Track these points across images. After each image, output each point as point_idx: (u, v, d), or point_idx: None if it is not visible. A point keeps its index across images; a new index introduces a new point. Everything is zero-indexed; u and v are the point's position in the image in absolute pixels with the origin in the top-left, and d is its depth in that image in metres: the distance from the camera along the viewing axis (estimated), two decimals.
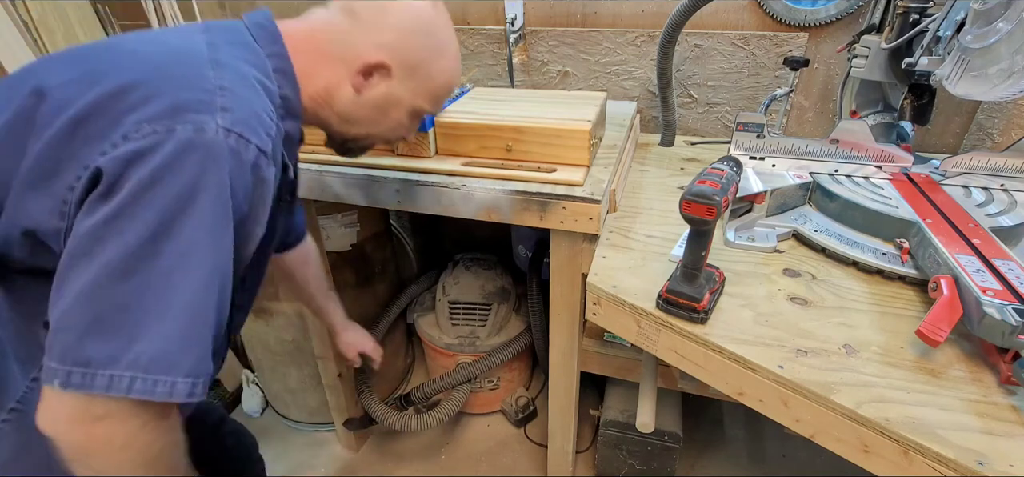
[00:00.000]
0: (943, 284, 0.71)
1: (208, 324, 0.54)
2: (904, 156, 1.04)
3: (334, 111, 0.74)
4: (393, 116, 0.77)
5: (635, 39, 1.46)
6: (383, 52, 0.70)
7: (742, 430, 1.72)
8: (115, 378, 0.49)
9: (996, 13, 0.78)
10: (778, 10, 1.33)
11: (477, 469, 1.65)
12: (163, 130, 0.51)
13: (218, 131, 0.53)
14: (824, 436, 0.67)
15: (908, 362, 0.70)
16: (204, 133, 0.52)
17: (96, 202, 0.51)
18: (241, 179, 0.55)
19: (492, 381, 1.72)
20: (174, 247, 0.51)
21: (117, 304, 0.50)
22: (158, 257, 0.51)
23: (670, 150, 1.43)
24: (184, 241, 0.52)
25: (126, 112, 0.52)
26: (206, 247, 0.53)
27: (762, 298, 0.82)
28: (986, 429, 0.60)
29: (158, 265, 0.51)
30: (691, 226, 0.74)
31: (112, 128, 0.52)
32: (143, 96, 0.53)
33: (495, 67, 1.62)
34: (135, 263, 0.50)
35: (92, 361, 0.49)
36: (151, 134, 0.51)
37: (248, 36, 0.66)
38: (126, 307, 0.50)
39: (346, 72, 0.71)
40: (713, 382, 0.77)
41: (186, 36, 0.63)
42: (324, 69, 0.70)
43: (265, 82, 0.63)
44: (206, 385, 0.54)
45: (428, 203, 1.07)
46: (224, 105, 0.55)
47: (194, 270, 0.52)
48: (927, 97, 1.05)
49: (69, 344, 0.49)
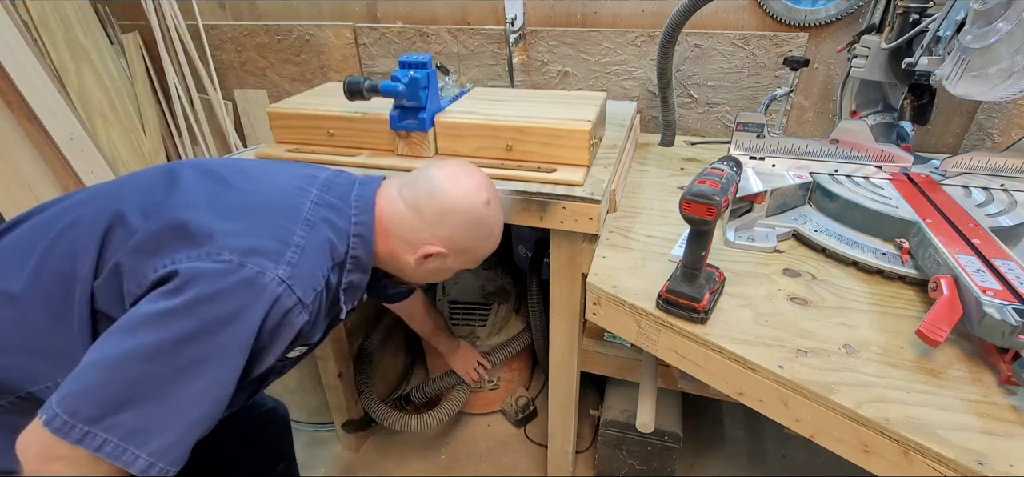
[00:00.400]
0: (943, 284, 0.71)
1: (192, 423, 0.61)
2: (904, 156, 1.04)
3: (395, 267, 0.89)
4: (441, 275, 0.94)
5: (635, 39, 1.46)
6: (442, 243, 0.85)
7: (742, 430, 1.72)
8: (89, 435, 0.56)
9: (996, 13, 0.78)
10: (778, 10, 1.33)
11: (477, 469, 1.64)
12: (236, 262, 0.64)
13: (274, 279, 0.65)
14: (824, 436, 0.67)
15: (908, 362, 0.70)
16: (263, 276, 0.64)
17: (161, 295, 0.61)
18: (273, 319, 0.66)
19: (492, 381, 1.72)
20: (194, 353, 0.60)
21: (127, 380, 0.58)
22: (178, 357, 0.59)
23: (670, 150, 1.43)
24: (204, 352, 0.61)
25: (219, 236, 0.66)
26: (218, 364, 0.62)
27: (762, 298, 0.82)
28: (986, 429, 0.60)
29: (175, 362, 0.59)
30: (691, 226, 0.74)
31: (203, 244, 0.65)
32: (235, 230, 0.67)
33: (495, 67, 1.62)
34: (158, 354, 0.59)
35: (79, 415, 0.56)
36: (226, 262, 0.64)
37: (349, 204, 0.81)
38: (131, 384, 0.58)
39: (410, 249, 0.85)
40: (713, 382, 0.77)
41: (302, 190, 0.78)
42: (394, 242, 0.85)
43: (337, 244, 0.77)
44: (166, 472, 0.60)
45: None
46: (290, 260, 0.68)
47: (200, 377, 0.61)
48: (927, 97, 1.05)
49: (69, 394, 0.56)
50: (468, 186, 0.85)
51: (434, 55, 1.61)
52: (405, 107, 1.08)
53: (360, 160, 1.14)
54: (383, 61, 1.71)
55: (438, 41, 1.62)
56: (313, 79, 1.81)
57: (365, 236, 0.81)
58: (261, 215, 0.72)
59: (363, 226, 0.81)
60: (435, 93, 1.11)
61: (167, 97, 1.85)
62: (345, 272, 0.80)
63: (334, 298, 0.80)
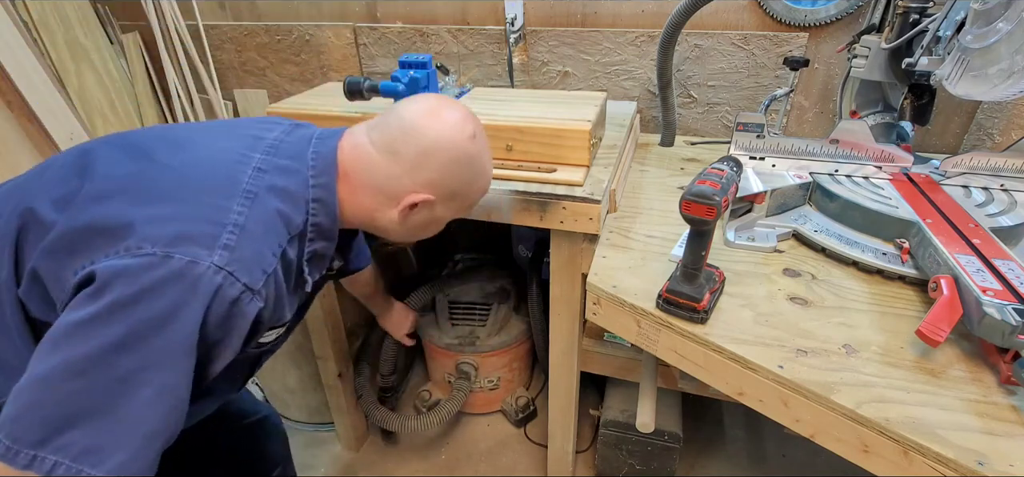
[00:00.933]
0: (943, 284, 0.71)
1: (147, 435, 0.56)
2: (904, 156, 1.04)
3: (376, 226, 0.79)
4: (431, 228, 0.84)
5: (635, 39, 1.46)
6: (427, 189, 0.74)
7: (742, 430, 1.72)
8: (37, 459, 0.52)
9: (996, 13, 0.78)
10: (778, 10, 1.33)
11: (477, 469, 1.65)
12: (160, 255, 0.56)
13: (210, 268, 0.57)
14: (824, 436, 0.67)
15: (908, 362, 0.70)
16: (195, 267, 0.56)
17: (83, 300, 0.55)
18: (217, 311, 0.58)
19: (492, 381, 1.72)
20: (131, 361, 0.54)
21: (62, 398, 0.53)
22: (113, 367, 0.54)
23: (670, 150, 1.43)
24: (142, 359, 0.55)
25: (139, 226, 0.57)
26: (161, 370, 0.56)
27: (762, 298, 0.82)
28: (986, 429, 0.60)
29: (111, 374, 0.54)
30: (691, 226, 0.74)
31: (122, 238, 0.57)
32: (159, 216, 0.59)
33: (495, 67, 1.62)
34: (90, 367, 0.53)
35: (22, 440, 0.52)
36: (148, 255, 0.56)
37: (305, 164, 0.71)
38: (69, 401, 0.53)
39: (390, 203, 0.75)
40: (713, 382, 0.77)
41: (243, 157, 0.68)
42: (367, 198, 0.75)
43: (292, 215, 0.68)
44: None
45: None
46: (227, 243, 0.59)
47: (145, 386, 0.55)
48: (927, 97, 1.05)
49: (8, 418, 0.52)
50: (449, 119, 0.74)
51: (434, 55, 1.61)
52: None
53: None
54: (383, 61, 1.71)
55: (438, 41, 1.62)
56: (313, 79, 1.81)
57: (326, 200, 0.71)
58: (191, 193, 0.62)
59: (323, 189, 0.71)
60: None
61: (167, 97, 1.85)
62: (307, 242, 0.71)
63: (298, 272, 0.71)
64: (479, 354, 1.63)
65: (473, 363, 1.65)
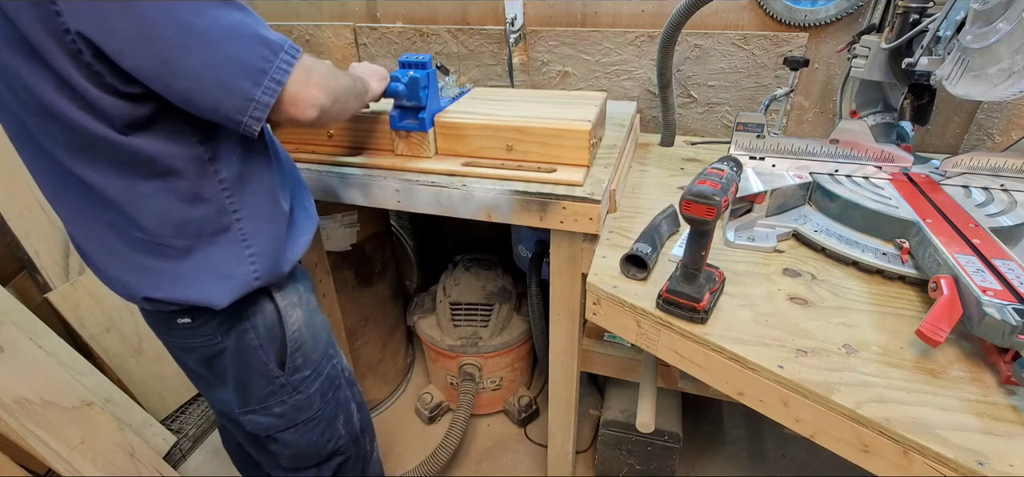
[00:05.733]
0: (943, 284, 0.71)
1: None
2: (904, 156, 1.04)
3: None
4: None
5: (635, 39, 1.46)
6: None
7: (742, 430, 1.72)
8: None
9: (996, 13, 0.78)
10: (778, 10, 1.33)
11: (477, 469, 1.65)
12: None
13: None
14: (824, 436, 0.67)
15: (908, 362, 0.70)
16: None
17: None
18: None
19: (495, 381, 1.72)
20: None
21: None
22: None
23: (670, 150, 1.42)
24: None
25: None
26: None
27: (762, 298, 0.82)
28: (986, 429, 0.60)
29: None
30: (691, 226, 0.74)
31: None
32: None
33: (495, 67, 1.62)
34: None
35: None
36: None
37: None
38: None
39: None
40: (713, 382, 0.77)
41: None
42: None
43: None
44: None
45: (428, 203, 1.07)
46: None
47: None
48: (927, 97, 1.05)
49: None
50: None
51: (434, 55, 1.61)
52: (405, 107, 1.08)
53: (360, 160, 1.14)
54: (383, 61, 1.71)
55: (438, 41, 1.62)
56: None
57: None
58: None
59: None
60: (435, 93, 1.11)
61: None
62: None
63: None
64: (482, 355, 1.63)
65: (477, 364, 1.65)
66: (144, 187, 0.71)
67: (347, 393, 1.05)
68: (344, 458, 1.07)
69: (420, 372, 2.02)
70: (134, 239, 0.75)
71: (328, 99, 0.74)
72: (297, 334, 0.90)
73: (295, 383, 0.92)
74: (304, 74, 0.71)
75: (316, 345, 0.95)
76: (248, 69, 0.66)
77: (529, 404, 1.75)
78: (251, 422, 0.94)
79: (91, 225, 0.75)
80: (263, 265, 0.82)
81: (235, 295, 0.80)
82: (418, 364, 2.06)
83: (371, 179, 1.09)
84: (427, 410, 1.77)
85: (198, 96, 0.65)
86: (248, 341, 0.86)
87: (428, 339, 1.68)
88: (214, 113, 0.67)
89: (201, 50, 0.63)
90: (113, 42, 0.60)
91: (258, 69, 0.66)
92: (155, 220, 0.73)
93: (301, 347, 0.92)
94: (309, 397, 0.95)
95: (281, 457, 1.00)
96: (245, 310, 0.85)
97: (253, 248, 0.81)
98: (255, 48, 0.66)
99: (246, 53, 0.65)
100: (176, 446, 1.64)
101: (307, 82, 0.71)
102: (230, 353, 0.87)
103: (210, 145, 0.74)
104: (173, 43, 0.62)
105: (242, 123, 0.68)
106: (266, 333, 0.87)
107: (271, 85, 0.67)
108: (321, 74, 0.74)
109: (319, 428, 0.99)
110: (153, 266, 0.76)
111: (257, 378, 0.89)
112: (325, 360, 0.97)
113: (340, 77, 0.80)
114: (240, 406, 0.92)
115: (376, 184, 1.09)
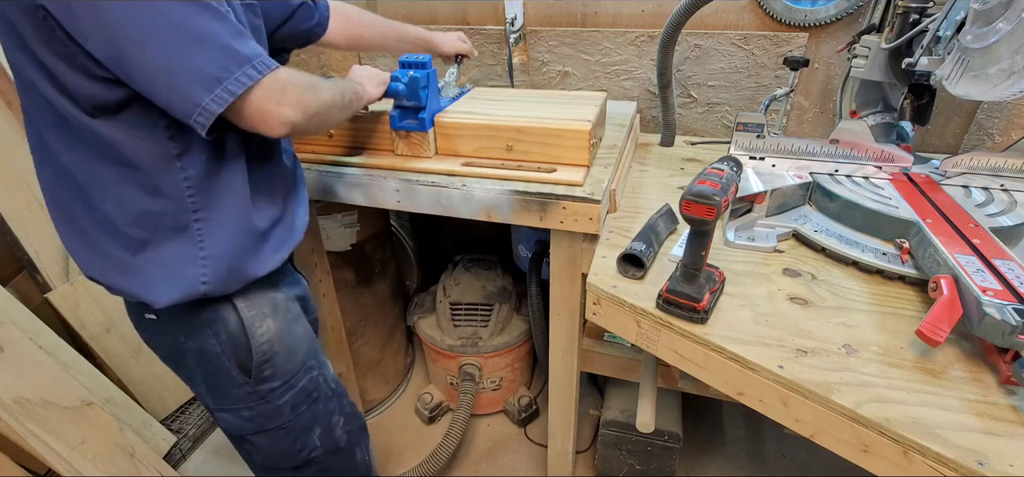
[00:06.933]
0: (943, 284, 0.71)
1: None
2: (904, 156, 1.04)
3: None
4: None
5: (635, 39, 1.46)
6: None
7: (742, 430, 1.72)
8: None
9: (996, 13, 0.78)
10: (778, 10, 1.33)
11: (477, 469, 1.65)
12: None
13: None
14: (824, 436, 0.67)
15: (908, 362, 0.70)
16: None
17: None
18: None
19: (495, 381, 1.72)
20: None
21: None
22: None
23: (670, 150, 1.42)
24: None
25: None
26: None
27: (762, 298, 0.82)
28: (986, 429, 0.60)
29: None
30: (691, 226, 0.74)
31: None
32: None
33: (495, 67, 1.62)
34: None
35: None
36: None
37: None
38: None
39: None
40: (713, 382, 0.77)
41: None
42: None
43: None
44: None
45: (428, 203, 1.07)
46: None
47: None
48: (927, 97, 1.05)
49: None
50: None
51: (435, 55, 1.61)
52: (405, 107, 1.08)
53: (360, 160, 1.14)
54: (383, 61, 1.71)
55: None
56: None
57: None
58: None
59: None
60: (435, 93, 1.11)
61: None
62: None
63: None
64: (482, 355, 1.63)
65: (477, 364, 1.65)
66: (107, 172, 0.72)
67: (329, 406, 1.01)
68: (319, 469, 1.03)
69: (420, 372, 2.02)
70: (96, 220, 0.75)
71: (301, 116, 0.73)
72: (266, 346, 0.87)
73: (262, 392, 0.89)
74: (276, 91, 0.70)
75: (291, 357, 0.91)
76: (202, 76, 0.65)
77: (529, 404, 1.75)
78: (222, 420, 0.93)
79: (62, 200, 0.76)
80: (214, 272, 0.79)
81: (176, 297, 0.78)
82: (418, 364, 2.06)
83: (371, 179, 1.09)
84: (427, 410, 1.77)
85: (152, 92, 0.66)
86: (210, 345, 0.84)
87: (428, 339, 1.68)
88: (168, 109, 0.67)
89: (156, 50, 0.63)
90: (74, 24, 0.61)
91: (213, 77, 0.65)
92: (115, 207, 0.73)
93: (271, 359, 0.88)
94: (278, 407, 0.92)
95: (254, 456, 0.99)
96: (202, 314, 0.82)
97: (207, 252, 0.78)
98: (215, 56, 0.65)
99: (204, 60, 0.65)
100: (176, 446, 1.64)
101: (279, 100, 0.70)
102: (192, 353, 0.85)
103: (181, 141, 0.73)
104: (129, 37, 0.62)
105: (190, 124, 0.67)
106: (228, 339, 0.84)
107: (223, 95, 0.66)
108: (297, 91, 0.73)
109: (290, 437, 0.96)
110: (109, 251, 0.76)
111: (224, 380, 0.87)
112: (302, 372, 0.93)
113: (322, 92, 0.79)
114: (212, 404, 0.92)
115: (376, 184, 1.09)
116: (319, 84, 0.80)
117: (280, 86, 0.70)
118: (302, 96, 0.73)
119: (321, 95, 0.78)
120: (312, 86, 0.77)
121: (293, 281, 0.98)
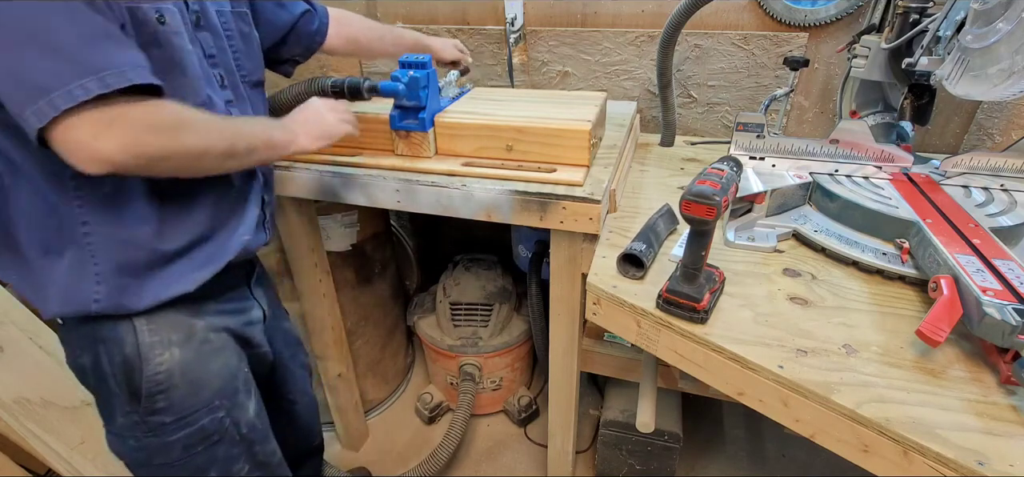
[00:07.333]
0: (943, 284, 0.71)
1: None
2: (904, 156, 1.04)
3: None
4: None
5: (635, 39, 1.46)
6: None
7: (742, 430, 1.72)
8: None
9: (996, 13, 0.78)
10: (778, 10, 1.33)
11: (477, 469, 1.65)
12: None
13: None
14: (824, 436, 0.67)
15: (908, 362, 0.70)
16: None
17: None
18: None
19: (495, 381, 1.72)
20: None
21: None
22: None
23: (670, 150, 1.43)
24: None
25: None
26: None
27: (762, 298, 0.82)
28: (986, 429, 0.60)
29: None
30: (691, 226, 0.74)
31: None
32: None
33: (495, 67, 1.62)
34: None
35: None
36: None
37: None
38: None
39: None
40: (713, 382, 0.77)
41: None
42: None
43: None
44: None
45: (428, 203, 1.07)
46: None
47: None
48: (927, 97, 1.05)
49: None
50: None
51: None
52: (405, 107, 1.08)
53: (360, 160, 1.14)
54: (383, 61, 1.71)
55: None
56: None
57: None
58: None
59: None
60: (435, 93, 1.11)
61: None
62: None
63: None
64: (482, 355, 1.63)
65: (477, 364, 1.65)
66: (8, 179, 0.70)
67: (232, 451, 0.90)
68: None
69: (420, 372, 2.02)
70: (4, 219, 0.73)
71: (128, 157, 0.61)
72: (163, 376, 0.80)
73: (152, 424, 0.81)
74: (100, 123, 0.58)
75: (194, 393, 0.83)
76: (27, 82, 0.56)
77: (529, 404, 1.76)
78: (111, 443, 0.87)
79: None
80: (106, 290, 0.74)
81: (66, 311, 0.74)
82: (418, 364, 2.06)
83: (371, 179, 1.09)
84: (427, 410, 1.77)
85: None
86: (102, 364, 0.79)
87: (428, 339, 1.68)
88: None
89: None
90: None
91: (38, 86, 0.56)
92: (15, 211, 0.71)
93: (165, 391, 0.80)
94: (167, 444, 0.83)
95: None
96: (98, 330, 0.78)
97: (101, 268, 0.74)
98: (49, 60, 0.56)
99: (34, 62, 0.55)
100: None
101: (96, 133, 0.58)
102: (87, 367, 0.81)
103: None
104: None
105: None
106: (121, 362, 0.78)
107: (45, 108, 0.56)
108: (134, 127, 0.61)
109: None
110: (17, 250, 0.74)
111: (113, 402, 0.82)
112: (205, 411, 0.85)
113: (186, 137, 0.67)
114: (104, 422, 0.86)
115: (376, 184, 1.09)
116: (194, 126, 0.69)
117: (108, 119, 0.59)
118: (139, 136, 0.62)
119: (182, 140, 0.67)
120: (174, 126, 0.66)
121: (235, 309, 0.91)
